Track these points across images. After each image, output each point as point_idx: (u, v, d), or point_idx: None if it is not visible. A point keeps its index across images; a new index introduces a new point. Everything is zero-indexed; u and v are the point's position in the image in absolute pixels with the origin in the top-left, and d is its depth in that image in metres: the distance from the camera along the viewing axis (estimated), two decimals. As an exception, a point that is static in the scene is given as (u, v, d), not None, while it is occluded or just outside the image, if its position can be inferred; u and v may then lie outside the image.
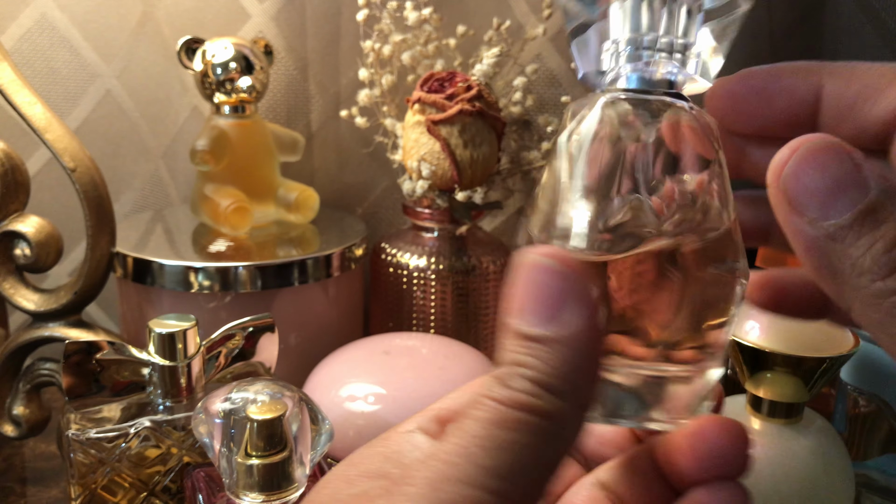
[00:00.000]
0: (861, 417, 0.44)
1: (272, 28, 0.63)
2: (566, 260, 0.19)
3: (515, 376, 0.19)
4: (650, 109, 0.23)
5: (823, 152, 0.19)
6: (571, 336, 0.19)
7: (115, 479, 0.39)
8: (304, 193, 0.60)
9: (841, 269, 0.19)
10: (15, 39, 0.63)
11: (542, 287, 0.19)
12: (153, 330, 0.40)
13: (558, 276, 0.19)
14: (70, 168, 0.48)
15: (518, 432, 0.18)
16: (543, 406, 0.18)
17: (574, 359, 0.19)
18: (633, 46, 0.23)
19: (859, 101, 0.23)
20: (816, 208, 0.19)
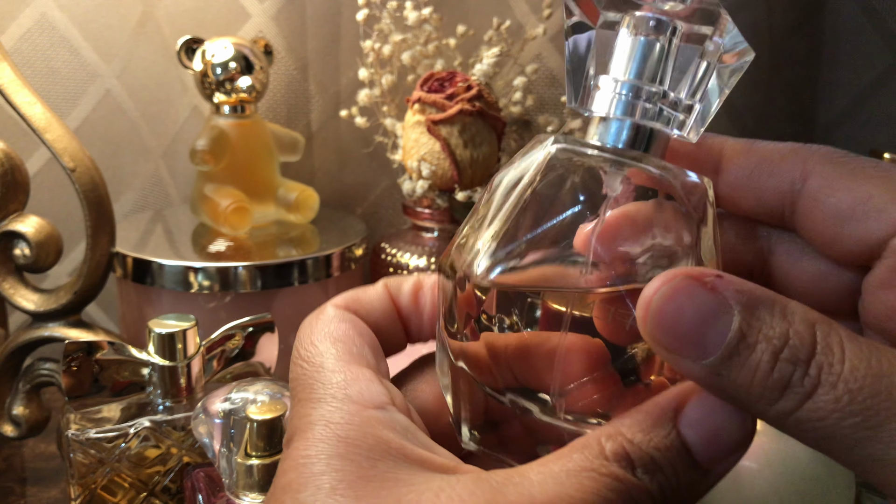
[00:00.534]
0: (861, 417, 0.43)
1: (272, 28, 0.63)
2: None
3: (652, 476, 0.19)
4: (623, 170, 0.21)
5: (679, 292, 0.19)
6: (718, 477, 0.20)
7: (114, 479, 0.39)
8: (304, 193, 0.60)
9: (738, 398, 0.19)
10: (15, 39, 0.63)
11: (728, 426, 0.20)
12: (153, 330, 0.40)
13: (744, 429, 0.20)
14: (70, 168, 0.48)
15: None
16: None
17: (700, 490, 0.20)
18: (634, 95, 0.22)
19: (755, 174, 0.23)
20: (692, 349, 0.19)
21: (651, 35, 0.21)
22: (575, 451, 0.19)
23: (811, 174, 0.22)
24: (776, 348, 0.18)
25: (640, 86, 0.21)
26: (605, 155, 0.22)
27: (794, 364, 0.18)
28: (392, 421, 0.21)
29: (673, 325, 0.19)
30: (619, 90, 0.22)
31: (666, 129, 0.22)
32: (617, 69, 0.22)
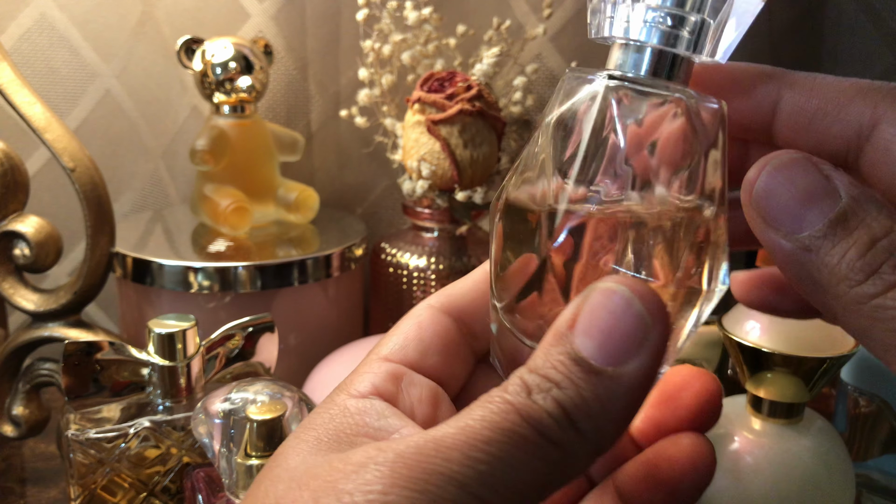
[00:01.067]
0: (861, 417, 0.43)
1: (272, 28, 0.63)
2: (656, 303, 0.18)
3: (547, 394, 0.18)
4: (648, 97, 0.22)
5: (791, 166, 0.20)
6: (627, 384, 0.18)
7: (114, 479, 0.39)
8: (303, 193, 0.59)
9: (819, 279, 0.19)
10: (14, 39, 0.63)
11: (622, 325, 0.18)
12: (153, 330, 0.40)
13: (642, 321, 0.18)
14: (69, 168, 0.48)
15: (524, 451, 0.17)
16: (561, 437, 0.18)
17: (614, 405, 0.18)
18: (670, 18, 0.21)
19: (818, 116, 0.22)
20: (790, 222, 0.19)
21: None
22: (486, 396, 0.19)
23: (881, 120, 0.21)
24: (875, 236, 0.19)
25: (669, 12, 0.21)
26: (662, 92, 0.22)
27: (889, 253, 0.19)
28: (367, 407, 0.21)
29: (778, 194, 0.20)
30: (647, 17, 0.21)
31: (692, 55, 0.22)
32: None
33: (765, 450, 0.36)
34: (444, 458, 0.17)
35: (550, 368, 0.18)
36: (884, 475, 0.44)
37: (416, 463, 0.17)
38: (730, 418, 0.38)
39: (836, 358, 0.35)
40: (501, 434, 0.17)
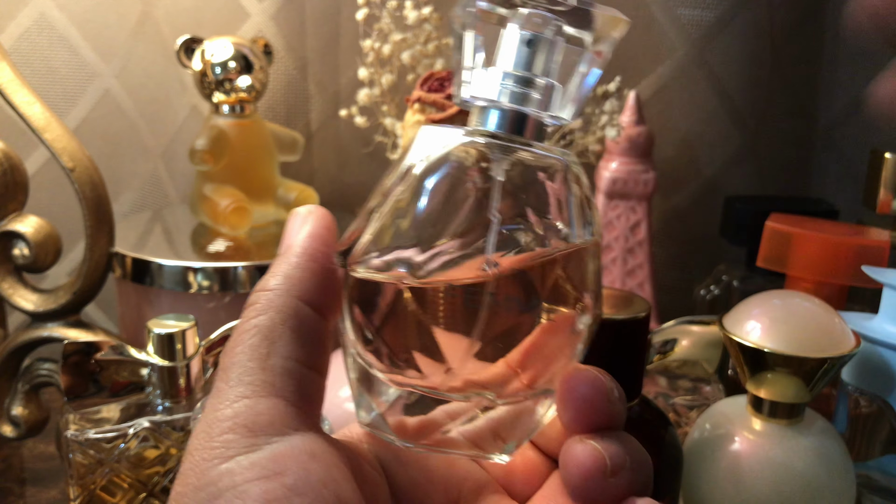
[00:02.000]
0: (862, 418, 0.43)
1: (271, 27, 0.63)
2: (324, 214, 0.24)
3: (253, 291, 0.23)
4: (510, 155, 0.23)
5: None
6: (284, 249, 0.23)
7: (113, 479, 0.39)
8: (303, 193, 0.59)
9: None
10: (13, 39, 0.63)
11: (290, 227, 0.24)
12: (152, 330, 0.40)
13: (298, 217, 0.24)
14: (69, 168, 0.48)
15: (240, 343, 0.21)
16: (257, 307, 0.22)
17: (284, 265, 0.22)
18: (523, 85, 0.23)
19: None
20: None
21: (537, 30, 0.23)
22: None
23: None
24: None
25: (528, 77, 0.23)
26: (493, 141, 0.23)
27: None
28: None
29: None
30: (503, 80, 0.23)
31: (545, 115, 0.24)
32: (504, 61, 0.23)
33: (765, 450, 0.36)
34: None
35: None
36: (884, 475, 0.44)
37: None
38: (730, 418, 0.38)
39: (837, 358, 0.35)
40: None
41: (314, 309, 0.22)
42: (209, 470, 0.19)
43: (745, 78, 0.65)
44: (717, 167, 0.67)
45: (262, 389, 0.21)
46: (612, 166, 0.59)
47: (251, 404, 0.20)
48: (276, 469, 0.19)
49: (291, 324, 0.22)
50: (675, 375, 0.46)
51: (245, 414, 0.20)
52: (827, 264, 0.50)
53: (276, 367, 0.21)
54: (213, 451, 0.20)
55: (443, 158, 0.23)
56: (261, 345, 0.21)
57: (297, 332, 0.22)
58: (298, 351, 0.22)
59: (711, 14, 0.63)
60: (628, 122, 0.59)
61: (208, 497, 0.19)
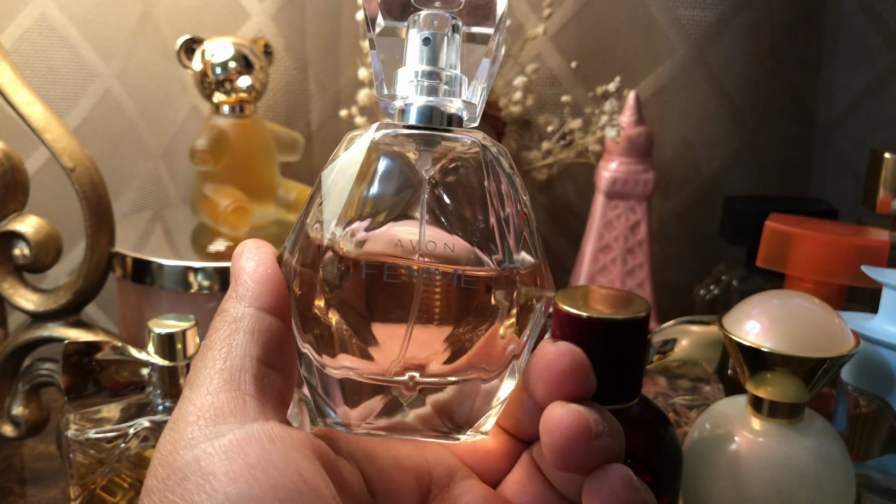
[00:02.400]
0: (862, 418, 0.43)
1: (272, 27, 0.63)
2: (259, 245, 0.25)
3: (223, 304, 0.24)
4: (433, 145, 0.25)
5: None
6: (233, 272, 0.25)
7: (114, 479, 0.39)
8: (303, 193, 0.59)
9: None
10: (14, 39, 0.63)
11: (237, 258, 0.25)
12: (152, 330, 0.40)
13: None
14: (69, 168, 0.48)
15: (205, 350, 0.23)
16: (217, 321, 0.24)
17: (234, 284, 0.24)
18: (428, 80, 0.25)
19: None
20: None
21: (434, 29, 0.25)
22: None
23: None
24: None
25: (435, 71, 0.25)
26: (417, 133, 0.25)
27: None
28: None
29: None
30: (415, 78, 0.25)
31: (462, 110, 0.25)
32: (411, 62, 0.25)
33: (765, 450, 0.36)
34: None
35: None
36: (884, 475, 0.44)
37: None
38: (730, 418, 0.38)
39: (837, 358, 0.35)
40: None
41: (268, 312, 0.24)
42: (176, 460, 0.21)
43: (744, 78, 0.65)
44: (716, 167, 0.67)
45: (223, 386, 0.22)
46: (612, 166, 0.59)
47: (212, 400, 0.22)
48: (239, 451, 0.20)
49: (246, 327, 0.23)
50: (674, 375, 0.46)
51: (207, 408, 0.22)
52: (826, 264, 0.50)
53: (233, 366, 0.23)
54: (179, 443, 0.21)
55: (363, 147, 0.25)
56: (219, 351, 0.23)
57: (251, 334, 0.23)
58: (255, 350, 0.23)
59: (711, 14, 0.63)
60: (628, 122, 0.59)
61: (176, 482, 0.20)
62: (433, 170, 0.24)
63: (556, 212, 0.69)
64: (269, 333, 0.23)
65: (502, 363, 0.24)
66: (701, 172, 0.67)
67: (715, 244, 0.68)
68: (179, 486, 0.20)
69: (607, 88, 0.58)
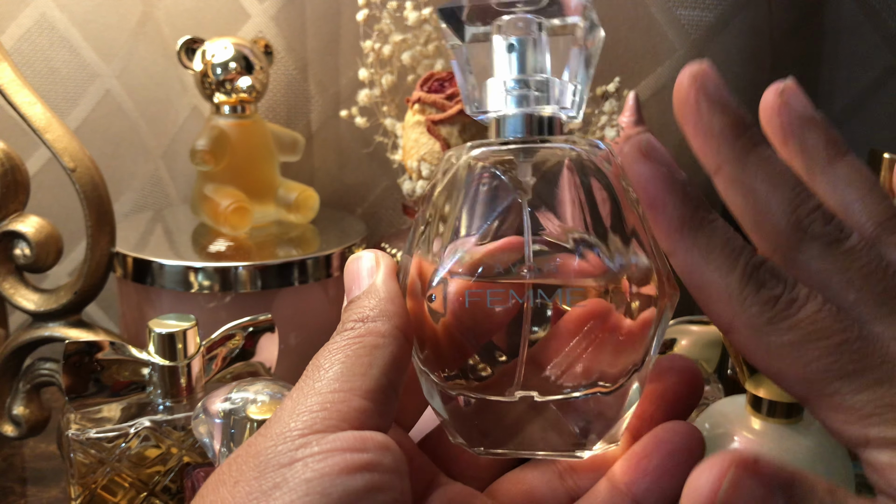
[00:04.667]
0: (861, 417, 0.43)
1: (272, 28, 0.63)
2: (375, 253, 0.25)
3: (345, 321, 0.24)
4: (531, 155, 0.24)
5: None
6: (372, 288, 0.24)
7: (115, 479, 0.39)
8: (304, 193, 0.60)
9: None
10: (15, 39, 0.63)
11: (354, 271, 0.26)
12: (153, 330, 0.40)
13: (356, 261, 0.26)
14: (70, 168, 0.48)
15: (342, 351, 0.23)
16: (361, 330, 0.23)
17: (376, 300, 0.24)
18: (521, 89, 0.24)
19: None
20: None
21: (520, 34, 0.24)
22: None
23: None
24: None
25: (524, 79, 0.24)
26: (513, 147, 0.24)
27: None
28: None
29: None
30: (507, 88, 0.24)
31: (558, 112, 0.24)
32: (500, 71, 0.24)
33: (764, 449, 0.37)
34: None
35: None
36: (883, 475, 0.44)
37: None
38: (729, 418, 0.38)
39: (836, 358, 0.35)
40: (331, 351, 0.24)
41: (400, 330, 0.24)
42: (289, 437, 0.21)
43: (744, 78, 0.65)
44: (716, 167, 0.67)
45: (358, 392, 0.22)
46: (612, 166, 0.59)
47: (344, 398, 0.22)
48: (358, 446, 0.20)
49: (391, 348, 0.23)
50: (674, 375, 0.46)
51: (337, 404, 0.21)
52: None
53: (374, 378, 0.22)
54: (299, 420, 0.21)
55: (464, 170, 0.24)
56: (364, 357, 0.23)
57: (392, 356, 0.23)
58: (391, 372, 0.23)
59: (711, 15, 0.63)
60: (627, 122, 0.59)
61: (287, 460, 0.20)
62: (533, 180, 0.23)
63: (556, 212, 0.69)
64: (402, 359, 0.24)
65: (624, 372, 0.23)
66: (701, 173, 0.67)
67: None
68: (266, 495, 0.20)
69: (607, 89, 0.58)
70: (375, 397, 0.22)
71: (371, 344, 0.23)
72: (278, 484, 0.20)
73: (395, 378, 0.23)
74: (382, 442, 0.21)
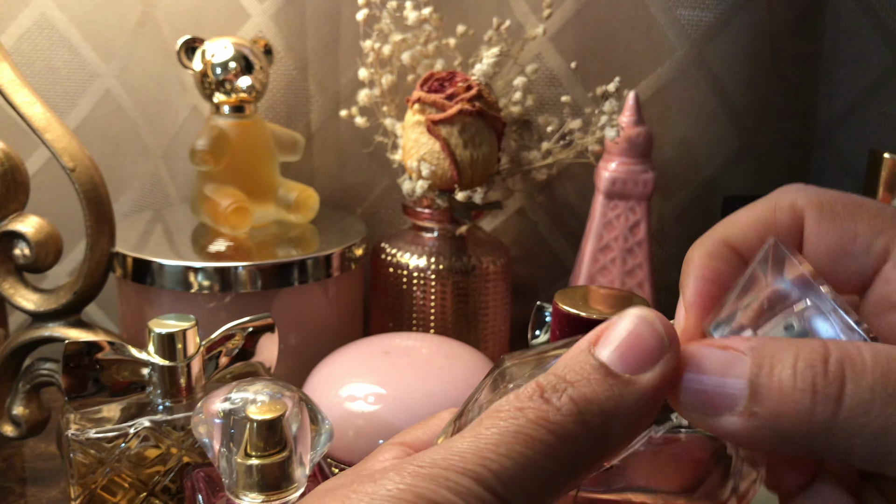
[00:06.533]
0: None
1: (272, 28, 0.63)
2: (673, 330, 0.20)
3: (562, 393, 0.19)
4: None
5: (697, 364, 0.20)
6: (640, 390, 0.19)
7: (114, 479, 0.39)
8: (304, 193, 0.60)
9: (783, 426, 0.19)
10: (14, 39, 0.63)
11: (643, 341, 0.20)
12: (153, 330, 0.40)
13: (661, 341, 0.20)
14: (69, 168, 0.48)
15: (533, 449, 0.18)
16: (570, 432, 0.18)
17: (626, 408, 0.19)
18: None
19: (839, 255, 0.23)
20: (722, 405, 0.19)
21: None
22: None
23: (805, 219, 0.24)
24: (794, 363, 0.19)
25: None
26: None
27: (812, 367, 0.19)
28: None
29: (698, 391, 0.20)
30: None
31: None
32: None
33: (764, 450, 0.37)
34: (458, 460, 0.18)
35: (569, 372, 0.19)
36: (883, 475, 0.44)
37: (430, 468, 0.18)
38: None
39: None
40: (512, 437, 0.18)
41: (607, 454, 0.20)
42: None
43: (744, 78, 0.65)
44: (715, 167, 0.67)
45: (506, 497, 0.18)
46: (612, 166, 0.59)
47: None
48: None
49: (581, 465, 0.19)
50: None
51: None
52: (826, 264, 0.50)
53: (532, 494, 0.19)
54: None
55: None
56: (542, 467, 0.18)
57: (575, 474, 0.20)
58: (563, 486, 0.19)
59: (711, 15, 0.63)
60: (627, 122, 0.59)
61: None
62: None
63: (555, 212, 0.69)
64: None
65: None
66: (700, 172, 0.67)
67: (714, 244, 0.68)
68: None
69: (607, 89, 0.58)
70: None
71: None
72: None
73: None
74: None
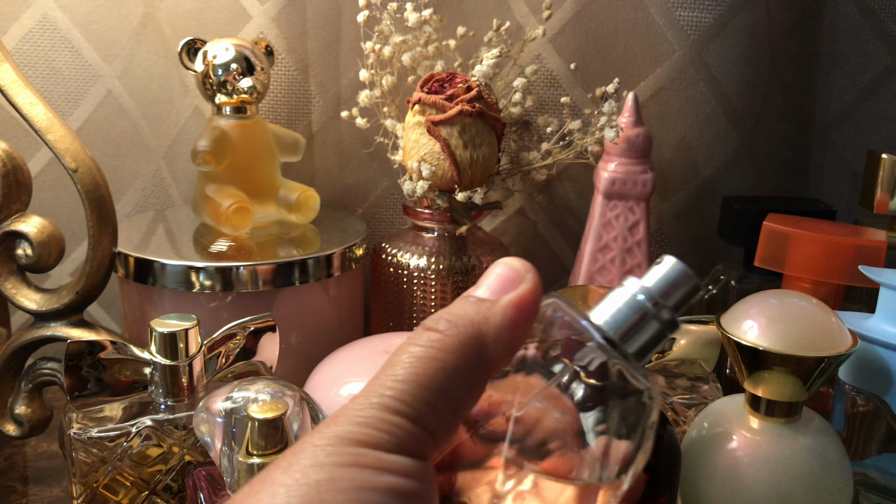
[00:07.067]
0: (859, 416, 0.44)
1: (273, 29, 0.63)
2: (528, 266, 0.24)
3: (440, 318, 0.23)
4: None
5: None
6: (503, 304, 0.23)
7: (116, 478, 0.39)
8: (304, 194, 0.60)
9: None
10: (17, 40, 0.64)
11: (504, 275, 0.24)
12: (155, 329, 0.40)
13: (517, 272, 0.24)
14: (72, 168, 0.48)
15: (424, 367, 0.22)
16: (452, 342, 0.22)
17: (493, 317, 0.23)
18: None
19: None
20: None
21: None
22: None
23: None
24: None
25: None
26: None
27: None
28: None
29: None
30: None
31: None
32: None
33: (763, 449, 0.37)
34: (361, 397, 0.21)
35: (448, 309, 0.23)
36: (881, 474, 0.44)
37: (341, 412, 0.21)
38: (728, 417, 0.39)
39: (834, 357, 0.35)
40: (405, 363, 0.22)
41: (490, 363, 0.23)
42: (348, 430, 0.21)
43: (742, 79, 0.65)
44: (714, 168, 0.67)
45: (412, 415, 0.21)
46: (611, 167, 0.59)
47: (404, 423, 0.21)
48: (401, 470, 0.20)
49: (469, 373, 0.22)
50: (673, 374, 0.46)
51: (394, 430, 0.21)
52: (824, 264, 0.50)
53: (435, 406, 0.21)
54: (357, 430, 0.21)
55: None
56: (434, 377, 0.22)
57: (467, 383, 0.22)
58: (461, 397, 0.22)
59: (709, 16, 0.63)
60: (627, 123, 0.59)
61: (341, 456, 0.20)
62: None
63: (555, 212, 0.69)
64: (478, 387, 0.24)
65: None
66: (699, 173, 0.67)
67: (713, 244, 0.68)
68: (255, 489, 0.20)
69: (606, 89, 0.58)
70: (431, 425, 0.21)
71: (451, 366, 0.22)
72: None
73: (462, 406, 0.22)
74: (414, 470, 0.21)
